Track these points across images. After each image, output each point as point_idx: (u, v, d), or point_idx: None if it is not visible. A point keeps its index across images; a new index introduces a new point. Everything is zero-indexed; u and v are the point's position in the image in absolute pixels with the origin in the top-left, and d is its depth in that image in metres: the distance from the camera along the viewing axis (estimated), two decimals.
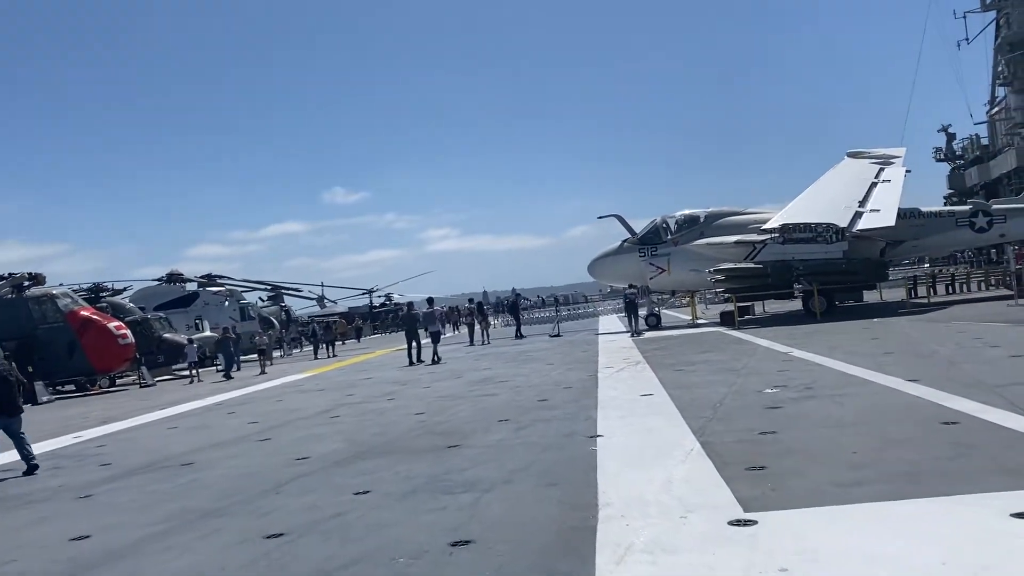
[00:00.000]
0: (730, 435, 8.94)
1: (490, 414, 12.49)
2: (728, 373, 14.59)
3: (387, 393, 17.22)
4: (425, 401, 15.12)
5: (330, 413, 14.98)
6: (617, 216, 33.00)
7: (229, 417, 16.37)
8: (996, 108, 72.12)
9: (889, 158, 32.00)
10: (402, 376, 21.53)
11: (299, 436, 12.50)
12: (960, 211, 29.82)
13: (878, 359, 14.35)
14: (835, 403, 10.26)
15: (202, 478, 9.86)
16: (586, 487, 7.26)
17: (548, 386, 15.41)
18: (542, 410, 12.36)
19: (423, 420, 12.64)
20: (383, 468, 9.15)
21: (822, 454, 7.57)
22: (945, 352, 14.42)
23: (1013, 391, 9.71)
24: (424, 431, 11.63)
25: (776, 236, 27.96)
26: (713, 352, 19.02)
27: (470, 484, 7.83)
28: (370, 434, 11.89)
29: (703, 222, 31.36)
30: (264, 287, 59.20)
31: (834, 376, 12.76)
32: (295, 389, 21.52)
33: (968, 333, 17.49)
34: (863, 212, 27.45)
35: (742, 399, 11.42)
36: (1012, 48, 52.47)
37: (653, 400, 12.19)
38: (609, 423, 10.49)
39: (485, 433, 10.82)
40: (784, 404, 10.58)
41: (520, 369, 19.67)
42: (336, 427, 13.08)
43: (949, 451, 7.20)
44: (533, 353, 24.94)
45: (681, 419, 10.23)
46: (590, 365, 18.92)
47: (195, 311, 44.57)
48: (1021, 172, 62.60)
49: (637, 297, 30.11)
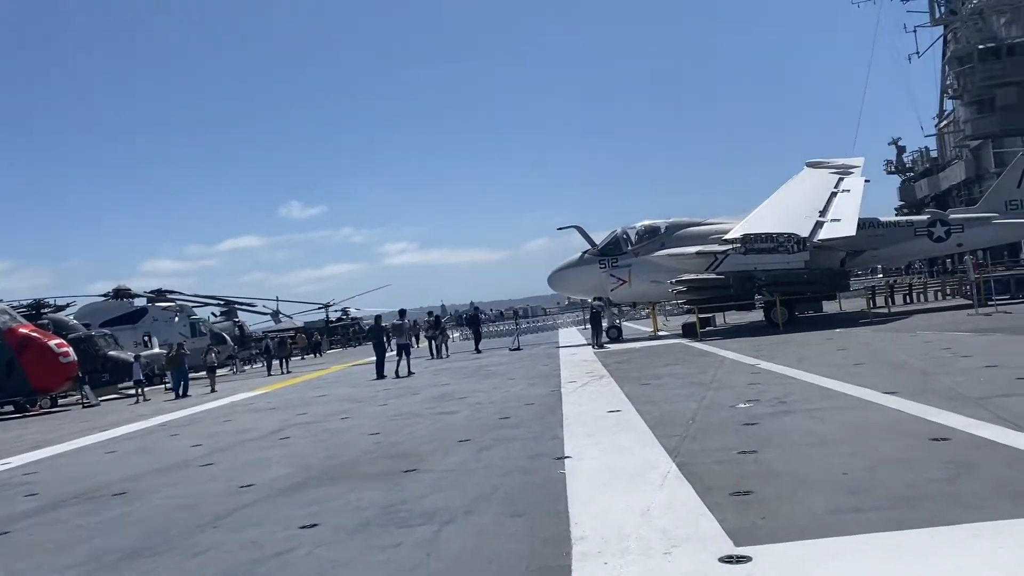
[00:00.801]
0: (707, 455, 8.35)
1: (449, 434, 11.78)
2: (697, 387, 14.07)
3: (341, 412, 16.40)
4: (380, 420, 14.34)
5: (280, 434, 14.13)
6: (577, 227, 32.55)
7: (172, 439, 15.41)
8: (945, 121, 73.53)
9: (848, 168, 32.04)
10: (357, 393, 20.68)
11: (245, 460, 11.65)
12: (918, 221, 29.89)
13: (849, 370, 13.95)
14: (814, 418, 9.74)
15: (134, 511, 8.99)
16: (557, 517, 6.60)
17: (510, 402, 14.74)
18: (504, 429, 11.68)
19: (378, 441, 11.88)
20: (334, 496, 8.39)
21: (811, 477, 7.00)
22: (917, 363, 14.06)
23: (998, 403, 9.28)
24: (379, 453, 10.88)
25: (738, 246, 27.68)
26: (678, 365, 18.54)
27: (428, 515, 7.12)
28: (321, 457, 11.10)
29: (664, 233, 31.02)
30: (216, 302, 57.74)
31: (807, 389, 12.28)
32: (245, 408, 20.55)
33: (935, 343, 17.24)
34: (824, 222, 27.33)
35: (715, 415, 10.87)
36: (961, 62, 53.39)
37: (622, 416, 11.58)
38: (577, 442, 9.85)
39: (444, 455, 10.11)
40: (760, 420, 10.04)
41: (480, 384, 18.96)
42: (285, 450, 12.26)
43: (947, 472, 6.68)
44: (493, 367, 24.25)
45: (653, 437, 9.63)
46: (552, 379, 18.31)
47: (143, 327, 43.15)
48: (970, 184, 63.75)
49: (603, 309, 29.59)
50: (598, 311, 29.28)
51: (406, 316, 30.45)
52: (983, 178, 62.10)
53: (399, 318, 29.50)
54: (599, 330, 28.51)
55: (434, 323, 38.08)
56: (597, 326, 28.62)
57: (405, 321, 29.61)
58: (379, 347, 26.58)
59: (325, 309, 77.11)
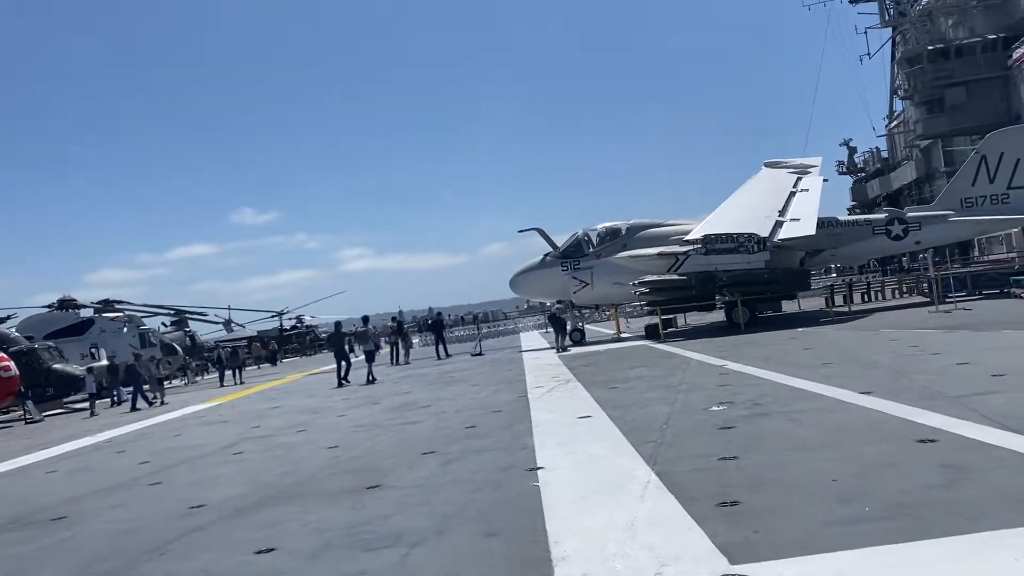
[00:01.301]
0: (687, 463, 7.96)
1: (413, 446, 11.25)
2: (666, 390, 13.73)
3: (297, 424, 15.74)
4: (339, 432, 13.75)
5: (233, 449, 13.45)
6: (538, 229, 32.14)
7: (118, 457, 14.62)
8: (895, 122, 74.83)
9: (806, 167, 32.13)
10: (314, 404, 20.00)
11: (196, 478, 10.99)
12: (876, 219, 30.06)
13: (819, 370, 13.72)
14: (792, 421, 9.42)
15: (75, 537, 8.32)
16: (534, 536, 6.14)
17: (475, 410, 14.25)
18: (471, 439, 11.19)
19: (337, 455, 11.30)
20: (291, 517, 7.82)
21: (799, 484, 6.64)
22: (887, 361, 13.88)
23: (978, 402, 9.05)
24: (339, 469, 10.31)
25: (699, 247, 27.55)
26: (645, 367, 18.21)
27: (395, 536, 6.61)
28: (277, 474, 10.49)
29: (625, 234, 30.80)
30: (167, 312, 56.29)
31: (780, 390, 11.99)
32: (197, 421, 19.74)
33: (902, 341, 17.14)
34: (783, 221, 27.32)
35: (689, 419, 10.50)
36: (911, 63, 54.24)
37: (593, 423, 11.16)
38: (549, 452, 9.40)
39: (409, 469, 9.58)
40: (736, 423, 9.69)
41: (443, 392, 18.43)
42: (239, 466, 11.61)
43: (941, 476, 6.35)
44: (456, 374, 23.73)
45: (628, 444, 9.23)
46: (518, 385, 17.85)
47: (90, 339, 41.71)
48: (921, 183, 64.87)
49: (564, 312, 29.23)
50: (558, 314, 28.90)
51: (369, 322, 30.06)
52: (933, 177, 63.23)
53: (363, 324, 29.11)
54: (562, 333, 28.14)
55: (396, 329, 37.49)
56: (560, 329, 28.25)
57: (369, 327, 29.21)
58: (340, 354, 26.10)
59: (279, 317, 75.68)
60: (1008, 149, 28.46)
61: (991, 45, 50.64)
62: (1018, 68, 47.99)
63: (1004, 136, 29.78)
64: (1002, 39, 50.13)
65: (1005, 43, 49.90)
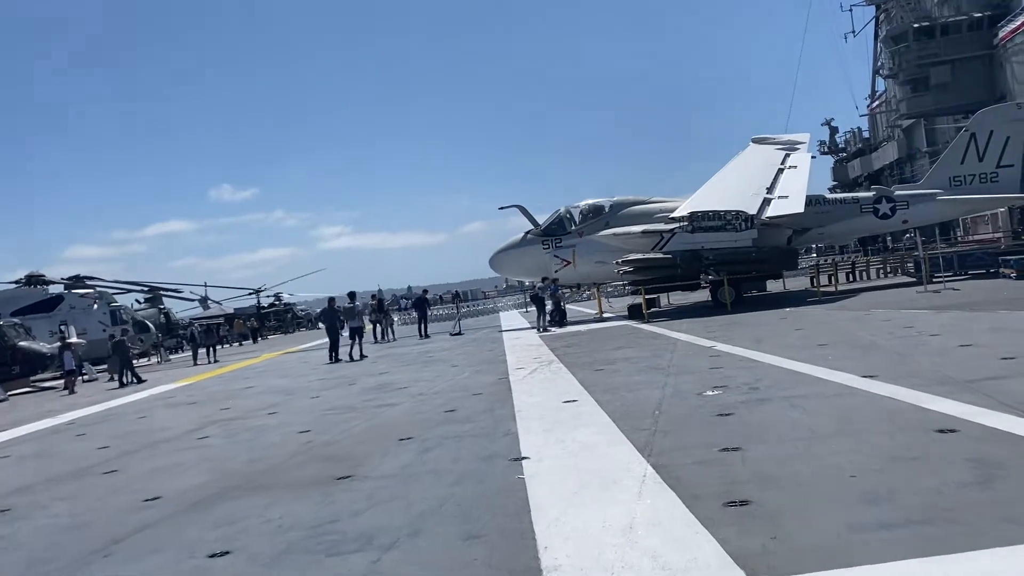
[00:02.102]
0: (685, 453, 7.32)
1: (389, 431, 10.55)
2: (655, 372, 13.10)
3: (269, 406, 14.99)
4: (312, 415, 13.01)
5: (198, 433, 12.69)
6: (519, 206, 31.32)
7: (76, 441, 13.82)
8: (877, 102, 74.53)
9: (794, 144, 31.53)
10: (288, 384, 19.24)
11: (155, 466, 10.24)
12: (864, 197, 29.50)
13: (815, 352, 13.13)
14: (795, 408, 8.80)
15: (16, 533, 7.58)
16: (521, 539, 5.47)
17: (455, 393, 13.56)
18: (451, 424, 10.51)
19: (308, 441, 10.57)
20: (253, 512, 7.11)
21: (814, 481, 6.01)
22: (885, 343, 13.32)
23: (991, 387, 8.47)
24: (308, 456, 9.59)
25: (685, 225, 26.90)
26: (631, 348, 17.58)
27: (365, 537, 5.92)
28: (243, 461, 9.77)
29: (608, 212, 30.09)
30: (140, 288, 54.99)
31: (777, 373, 11.38)
32: (164, 402, 18.93)
33: (895, 321, 16.60)
34: (771, 199, 26.72)
35: (682, 404, 9.87)
36: (896, 41, 53.70)
37: (579, 408, 10.51)
38: (533, 439, 8.73)
39: (383, 457, 8.89)
40: (734, 409, 9.06)
41: (421, 373, 17.73)
42: (203, 452, 10.88)
43: (973, 473, 5.73)
44: (435, 353, 23.03)
45: (619, 432, 8.58)
46: (499, 366, 17.19)
47: (59, 316, 40.53)
48: (902, 163, 64.66)
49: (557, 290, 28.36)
50: (539, 293, 28.15)
51: (356, 299, 29.64)
52: (915, 157, 63.03)
53: (350, 301, 28.96)
54: (543, 313, 27.45)
55: (378, 306, 36.87)
56: (541, 309, 27.55)
57: (357, 304, 29.15)
58: (332, 330, 25.86)
59: (256, 295, 74.47)
60: (997, 127, 27.96)
61: (976, 24, 50.18)
62: (1004, 47, 47.59)
63: (994, 114, 29.28)
64: (988, 17, 49.69)
65: (991, 21, 49.46)
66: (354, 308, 27.91)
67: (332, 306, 27.79)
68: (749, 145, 32.61)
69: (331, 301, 28.76)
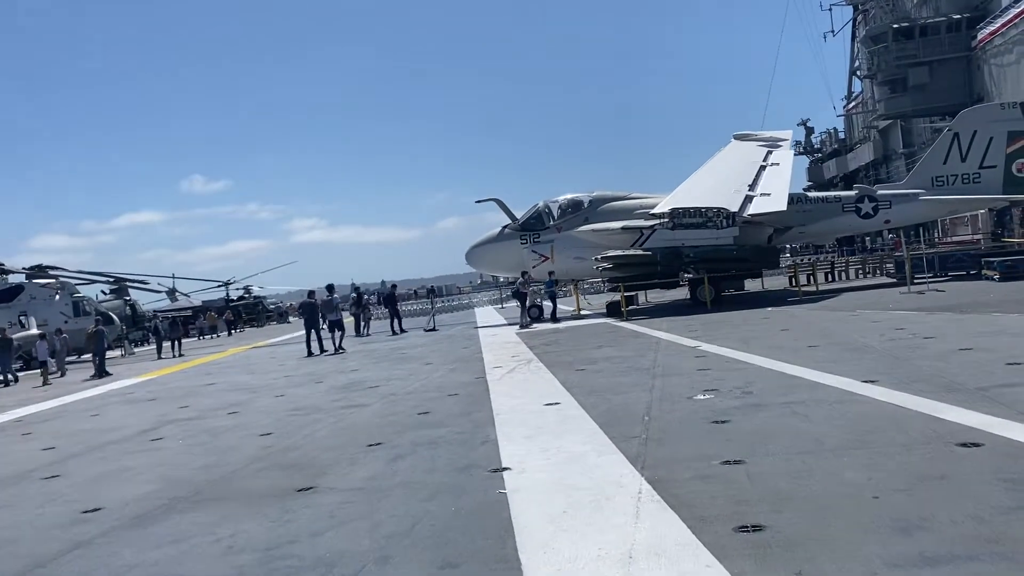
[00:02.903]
0: (683, 467, 6.65)
1: (357, 435, 9.80)
2: (640, 373, 12.45)
3: (230, 405, 14.15)
4: (275, 416, 12.21)
5: (152, 434, 11.85)
6: (496, 200, 30.56)
7: (21, 441, 12.91)
8: (853, 102, 74.65)
9: (777, 141, 31.04)
10: (253, 381, 18.37)
11: (101, 472, 9.41)
12: (846, 196, 29.06)
13: (806, 354, 12.56)
14: (796, 414, 8.17)
15: None
16: (505, 570, 4.77)
17: (430, 393, 12.83)
18: (424, 428, 9.77)
19: (268, 445, 9.79)
20: (200, 531, 6.34)
21: (833, 502, 5.35)
22: (878, 345, 12.76)
23: (1007, 396, 7.89)
24: (268, 463, 8.82)
25: (665, 221, 26.31)
26: (612, 347, 16.94)
27: (325, 565, 5.18)
28: (195, 467, 8.97)
29: (587, 207, 29.40)
30: (105, 279, 53.50)
31: (769, 376, 10.77)
32: (122, 398, 17.99)
33: (884, 322, 16.09)
34: (753, 196, 26.21)
35: (673, 408, 9.21)
36: (875, 41, 53.55)
37: (563, 411, 9.82)
38: (515, 448, 8.02)
39: (350, 466, 8.14)
40: (730, 416, 8.42)
41: (394, 371, 16.95)
42: (155, 456, 10.05)
43: (1011, 495, 5.11)
44: (408, 350, 22.24)
45: (607, 440, 7.90)
46: (475, 364, 16.47)
47: (19, 306, 39.17)
48: (878, 164, 64.77)
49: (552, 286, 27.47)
50: (520, 288, 27.39)
51: (335, 292, 29.08)
52: (891, 159, 63.15)
53: (328, 294, 28.62)
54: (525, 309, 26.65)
55: (356, 300, 36.17)
56: (523, 304, 26.72)
57: (335, 297, 28.76)
58: (310, 323, 25.48)
59: (225, 287, 73.05)
60: (981, 127, 27.64)
61: (955, 25, 50.12)
62: (982, 49, 47.56)
63: (977, 113, 28.99)
64: (967, 19, 49.65)
65: (969, 23, 49.42)
66: (332, 301, 27.49)
67: (311, 299, 27.42)
68: (731, 141, 32.11)
69: (311, 294, 28.42)
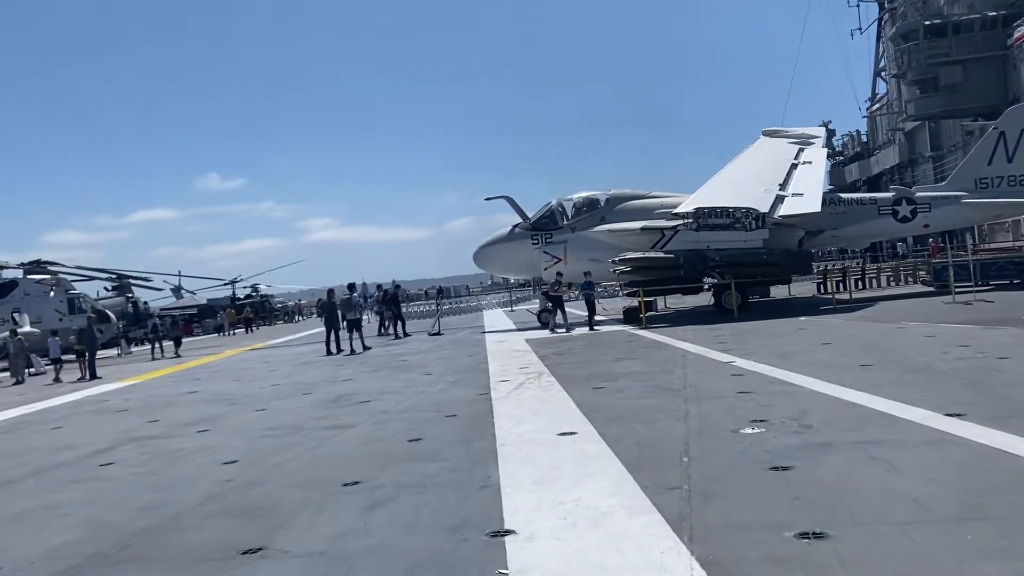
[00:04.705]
0: (746, 540, 4.98)
1: (333, 468, 8.17)
2: (668, 394, 10.78)
3: (203, 420, 12.55)
4: (248, 437, 10.60)
5: (107, 456, 10.27)
6: (507, 198, 28.85)
7: None
8: (877, 104, 72.66)
9: (808, 138, 29.25)
10: (237, 390, 16.77)
11: (23, 509, 7.81)
12: (883, 198, 27.24)
13: (860, 375, 10.86)
14: (876, 460, 6.48)
15: None
16: None
17: (425, 412, 11.19)
18: (414, 461, 8.13)
19: (229, 479, 8.15)
20: None
21: None
22: (945, 366, 11.02)
23: None
24: (221, 504, 7.20)
25: (689, 222, 24.57)
26: (632, 360, 15.27)
27: None
28: (134, 508, 7.35)
29: (604, 206, 27.68)
30: (106, 276, 52.18)
31: (827, 404, 9.07)
32: (94, 407, 16.44)
33: (941, 338, 14.34)
34: (785, 196, 24.45)
35: (717, 446, 7.53)
36: (905, 39, 51.57)
37: (580, 445, 8.15)
38: (521, 498, 6.37)
39: (316, 515, 6.50)
40: (793, 460, 6.73)
41: (389, 382, 15.31)
42: (94, 488, 8.46)
43: None
44: (409, 357, 20.63)
45: (638, 490, 6.25)
46: (480, 376, 14.85)
47: (12, 303, 37.87)
48: (903, 168, 62.77)
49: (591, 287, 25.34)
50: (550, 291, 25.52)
51: (356, 290, 28.31)
52: (917, 162, 61.10)
53: (348, 292, 28.11)
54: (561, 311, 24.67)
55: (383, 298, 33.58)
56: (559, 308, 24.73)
57: (355, 295, 28.18)
58: (330, 322, 25.10)
59: (232, 286, 71.75)
60: None
61: (990, 23, 48.14)
62: (1019, 48, 45.56)
63: None
64: (1002, 16, 47.66)
65: (1005, 21, 47.43)
66: (351, 300, 26.85)
67: (331, 298, 26.93)
68: (759, 138, 30.31)
69: (330, 293, 27.76)
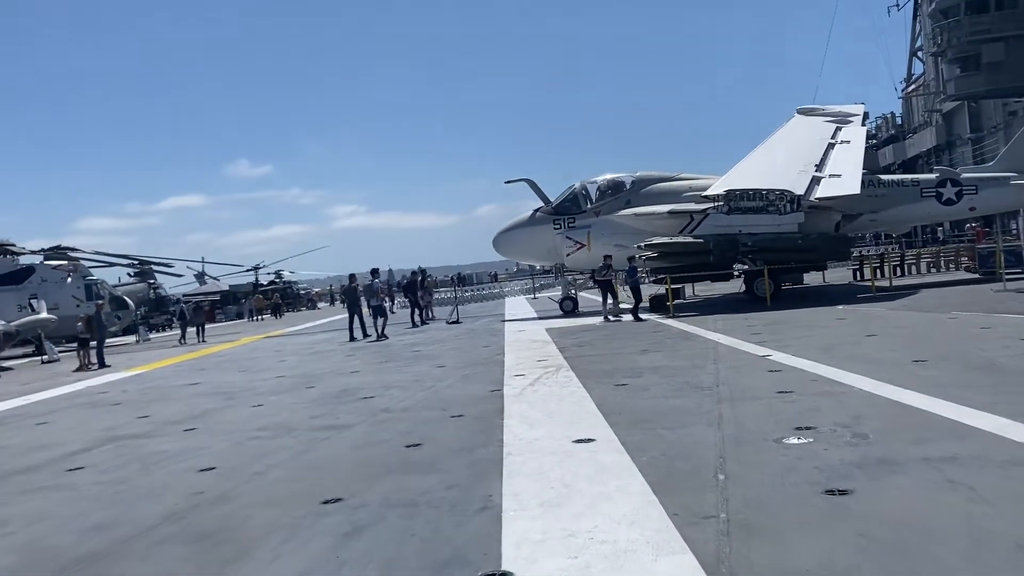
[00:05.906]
0: None
1: (317, 479, 7.19)
2: (698, 392, 9.69)
3: (195, 417, 11.63)
4: (234, 438, 9.65)
5: (79, 459, 9.36)
6: (528, 180, 27.68)
7: None
8: (913, 85, 70.37)
9: (846, 116, 27.80)
10: (239, 381, 15.88)
11: None
12: (925, 180, 25.80)
13: (914, 371, 9.71)
14: (952, 484, 5.37)
15: None
16: None
17: (429, 412, 10.18)
18: (408, 472, 7.12)
19: (200, 491, 7.18)
20: None
21: None
22: (1009, 362, 9.83)
23: None
24: (181, 525, 6.22)
25: (720, 205, 23.31)
26: (659, 352, 14.17)
27: None
28: (84, 528, 6.40)
29: (629, 189, 26.46)
30: (127, 261, 51.76)
31: (882, 407, 7.93)
32: (86, 399, 15.63)
33: (997, 329, 13.11)
34: (821, 178, 23.11)
35: (758, 459, 6.44)
36: (945, 15, 49.51)
37: (598, 455, 7.08)
38: (526, 527, 5.32)
39: (283, 544, 5.50)
40: (851, 482, 5.63)
41: (397, 375, 14.33)
42: (49, 501, 7.53)
43: None
44: (423, 347, 19.67)
45: (665, 519, 5.19)
46: (494, 369, 13.83)
47: (29, 289, 37.38)
48: (940, 151, 60.60)
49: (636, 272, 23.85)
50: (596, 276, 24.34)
51: (378, 276, 28.47)
52: (954, 144, 58.95)
53: (371, 278, 27.85)
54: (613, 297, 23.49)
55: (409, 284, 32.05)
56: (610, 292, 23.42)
57: (377, 281, 27.81)
58: (352, 307, 25.10)
59: (255, 272, 71.34)
60: None
61: None
62: None
63: None
64: None
65: None
66: (373, 286, 26.71)
67: (352, 283, 26.81)
68: (794, 116, 28.88)
69: (351, 279, 27.50)
